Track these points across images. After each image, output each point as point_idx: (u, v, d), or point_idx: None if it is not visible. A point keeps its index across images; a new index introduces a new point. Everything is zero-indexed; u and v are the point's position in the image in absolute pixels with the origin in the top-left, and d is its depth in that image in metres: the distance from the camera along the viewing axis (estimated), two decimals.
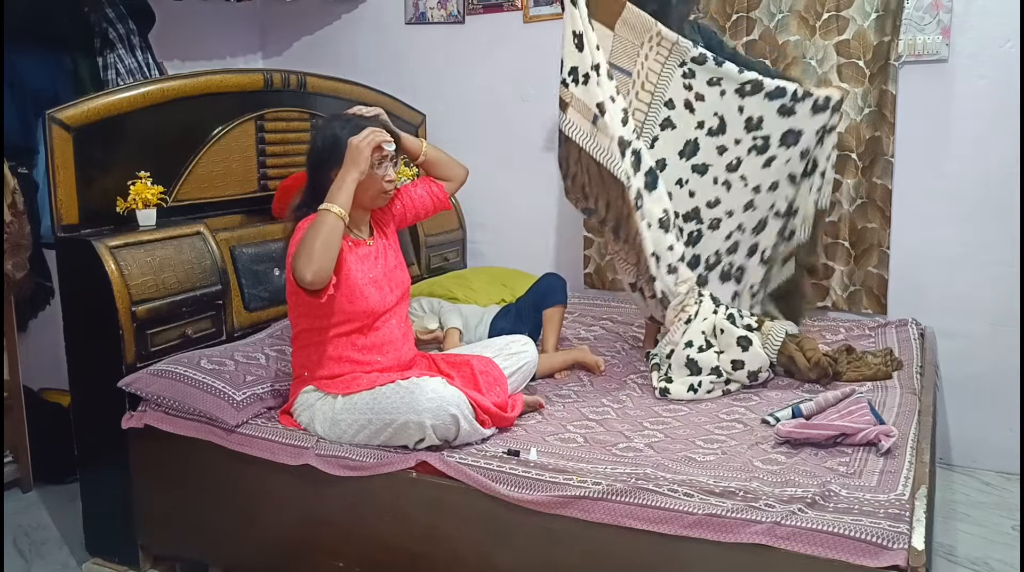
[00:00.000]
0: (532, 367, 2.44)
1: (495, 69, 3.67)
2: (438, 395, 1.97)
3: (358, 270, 2.13)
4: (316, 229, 1.94)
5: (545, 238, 3.66)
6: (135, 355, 2.27)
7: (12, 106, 2.82)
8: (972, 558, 2.44)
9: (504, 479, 1.85)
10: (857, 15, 2.99)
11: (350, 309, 2.11)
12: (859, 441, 1.92)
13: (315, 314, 2.11)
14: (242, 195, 2.81)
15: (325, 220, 1.95)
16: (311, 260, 1.91)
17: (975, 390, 3.00)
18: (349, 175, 2.01)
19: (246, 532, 2.19)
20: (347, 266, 2.10)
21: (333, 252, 1.95)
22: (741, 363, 2.43)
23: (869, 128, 3.02)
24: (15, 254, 2.74)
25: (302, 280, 1.91)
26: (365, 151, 2.02)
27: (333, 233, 1.95)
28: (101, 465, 2.37)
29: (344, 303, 2.10)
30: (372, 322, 2.16)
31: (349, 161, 2.02)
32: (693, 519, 1.67)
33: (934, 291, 3.03)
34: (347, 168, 2.02)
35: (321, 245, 1.92)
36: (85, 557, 2.45)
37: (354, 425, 2.04)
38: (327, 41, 3.99)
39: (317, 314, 2.11)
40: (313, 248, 1.91)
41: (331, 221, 1.95)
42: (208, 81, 2.65)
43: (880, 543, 1.52)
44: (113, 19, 3.05)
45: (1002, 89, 2.86)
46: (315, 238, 1.93)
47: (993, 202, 2.91)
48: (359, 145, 2.02)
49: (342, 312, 2.11)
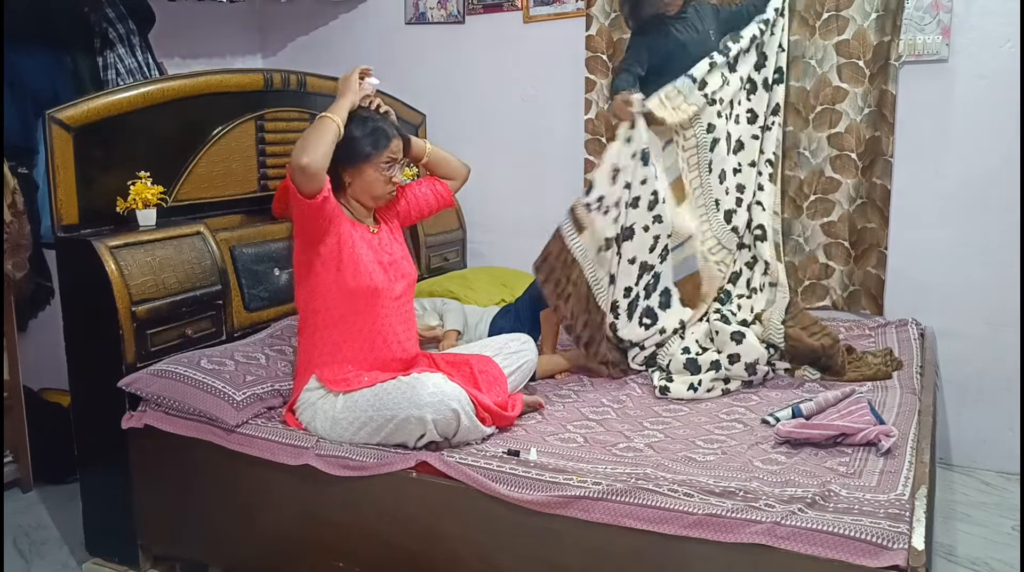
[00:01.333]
0: (532, 366, 2.44)
1: (495, 69, 3.67)
2: (439, 390, 1.98)
3: (363, 249, 2.17)
4: (315, 128, 2.05)
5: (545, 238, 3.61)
6: (135, 355, 2.27)
7: (12, 106, 2.82)
8: (972, 558, 2.44)
9: (504, 479, 1.85)
10: (857, 15, 2.98)
11: (355, 284, 2.13)
12: (859, 441, 1.92)
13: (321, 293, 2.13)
14: (242, 195, 2.81)
15: (326, 124, 2.06)
16: (307, 147, 1.99)
17: (975, 390, 3.00)
18: (344, 99, 2.14)
19: (246, 532, 2.19)
20: (352, 242, 2.14)
21: (329, 150, 2.04)
22: (737, 356, 2.45)
23: (869, 128, 3.02)
24: (15, 254, 2.74)
25: (298, 163, 1.98)
26: (352, 77, 2.18)
27: (330, 134, 2.05)
28: (101, 465, 2.37)
29: (349, 278, 2.12)
30: (377, 307, 2.17)
31: (340, 94, 2.16)
32: (693, 519, 1.67)
33: (934, 291, 3.03)
34: (342, 93, 2.15)
35: (319, 137, 2.02)
36: (85, 557, 2.45)
37: (355, 423, 2.05)
38: (327, 41, 3.99)
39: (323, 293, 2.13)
40: (310, 138, 2.02)
41: (331, 126, 2.06)
42: (208, 81, 2.65)
43: (880, 543, 1.52)
44: (113, 19, 3.05)
45: (1002, 89, 2.86)
46: (313, 133, 2.04)
47: (993, 202, 2.91)
48: (346, 76, 2.18)
49: (346, 288, 2.13)
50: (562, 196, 3.56)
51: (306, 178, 1.99)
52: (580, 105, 3.49)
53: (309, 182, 2.00)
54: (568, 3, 3.47)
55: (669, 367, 2.49)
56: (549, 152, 3.61)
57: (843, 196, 3.10)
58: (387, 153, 2.17)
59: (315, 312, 2.16)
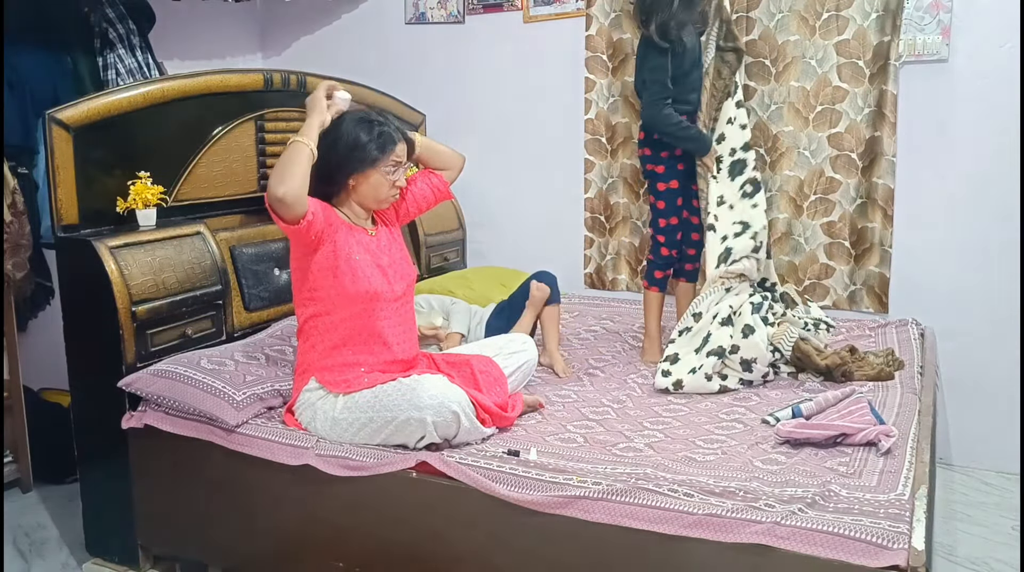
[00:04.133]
0: (532, 366, 2.44)
1: (495, 69, 3.67)
2: (440, 392, 1.98)
3: (361, 253, 2.15)
4: (288, 155, 2.02)
5: (545, 238, 3.66)
6: (135, 355, 2.27)
7: (12, 106, 2.81)
8: (972, 558, 2.44)
9: (504, 479, 1.85)
10: (857, 15, 2.99)
11: (353, 290, 2.11)
12: (859, 441, 1.92)
13: (320, 298, 2.12)
14: (242, 195, 2.81)
15: (298, 149, 2.02)
16: (283, 177, 1.96)
17: (975, 390, 3.00)
18: (313, 120, 2.11)
19: (246, 532, 2.19)
20: (349, 248, 2.12)
21: (305, 175, 2.00)
22: (737, 348, 2.47)
23: (869, 128, 3.02)
24: (15, 254, 2.74)
25: (275, 194, 1.95)
26: (318, 95, 2.14)
27: (302, 156, 2.01)
28: (101, 465, 2.37)
29: (347, 284, 2.11)
30: (377, 309, 2.16)
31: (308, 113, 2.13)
32: (693, 519, 1.67)
33: (934, 291, 3.03)
34: (311, 115, 2.12)
35: (292, 166, 1.99)
36: (85, 557, 2.45)
37: (355, 424, 2.04)
38: (327, 41, 3.99)
39: (322, 297, 2.12)
40: (284, 168, 1.98)
41: (303, 150, 2.02)
42: (208, 81, 2.65)
43: (880, 543, 1.52)
44: (113, 19, 3.05)
45: (1002, 89, 2.86)
46: (286, 161, 2.00)
47: (993, 202, 2.91)
48: (313, 95, 2.15)
49: (345, 294, 2.11)
50: (562, 196, 3.61)
51: (285, 207, 1.97)
52: (580, 105, 3.49)
53: (289, 211, 1.97)
54: (568, 3, 3.47)
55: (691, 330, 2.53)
56: (549, 152, 3.61)
57: (843, 196, 3.10)
58: (393, 157, 2.14)
59: (314, 316, 2.15)
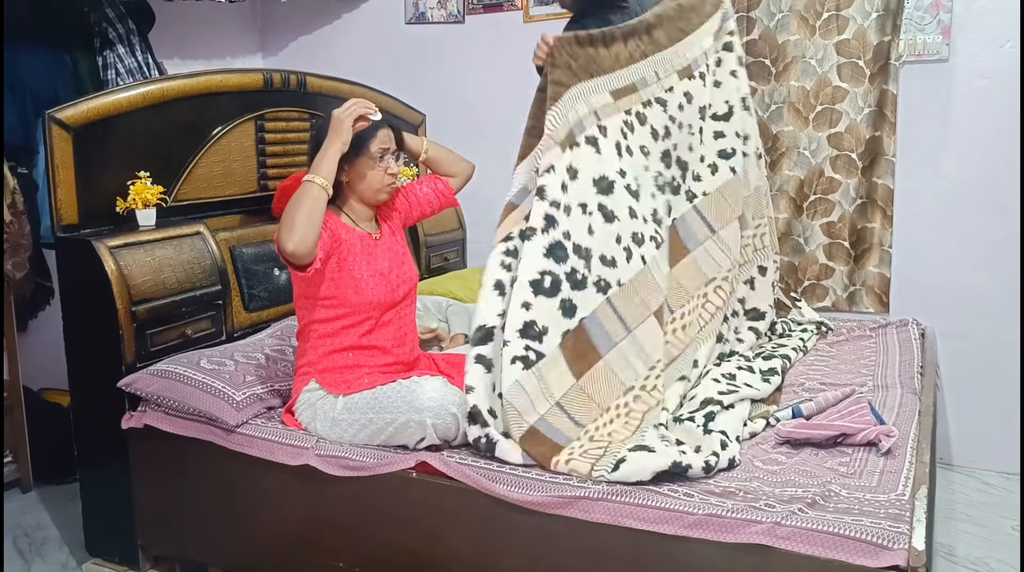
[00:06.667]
0: None
1: (495, 69, 3.67)
2: (439, 394, 1.97)
3: (364, 262, 2.13)
4: (299, 199, 1.92)
5: None
6: (135, 355, 2.27)
7: (12, 106, 2.82)
8: (972, 558, 2.44)
9: (504, 479, 1.85)
10: (857, 15, 2.99)
11: (356, 301, 2.11)
12: (859, 441, 1.92)
13: (322, 306, 2.11)
14: (242, 195, 2.81)
15: (308, 191, 1.93)
16: (293, 230, 1.88)
17: (975, 390, 3.00)
18: (332, 146, 2.00)
19: (246, 532, 2.19)
20: (353, 257, 2.10)
21: (316, 223, 1.92)
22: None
23: (869, 128, 3.02)
24: (15, 254, 2.74)
25: (284, 250, 1.90)
26: (347, 122, 2.01)
27: (316, 203, 1.92)
28: (101, 465, 2.37)
29: (350, 295, 2.10)
30: (379, 316, 2.15)
31: (332, 132, 2.01)
32: (693, 519, 1.67)
33: (934, 291, 3.03)
34: (330, 139, 2.01)
35: (304, 215, 1.89)
36: (85, 557, 2.45)
37: (355, 425, 2.04)
38: (327, 41, 3.99)
39: (324, 306, 2.11)
40: (295, 218, 1.89)
41: (314, 192, 1.94)
42: (208, 81, 2.65)
43: (880, 543, 1.52)
44: (113, 19, 3.06)
45: (1002, 89, 2.86)
46: (297, 208, 1.90)
47: (993, 202, 2.91)
48: (340, 116, 2.01)
49: (348, 304, 2.11)
50: None
51: (296, 259, 1.92)
52: None
53: (300, 261, 1.94)
54: None
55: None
56: None
57: (843, 196, 3.10)
58: (377, 142, 2.10)
59: (314, 321, 2.14)
